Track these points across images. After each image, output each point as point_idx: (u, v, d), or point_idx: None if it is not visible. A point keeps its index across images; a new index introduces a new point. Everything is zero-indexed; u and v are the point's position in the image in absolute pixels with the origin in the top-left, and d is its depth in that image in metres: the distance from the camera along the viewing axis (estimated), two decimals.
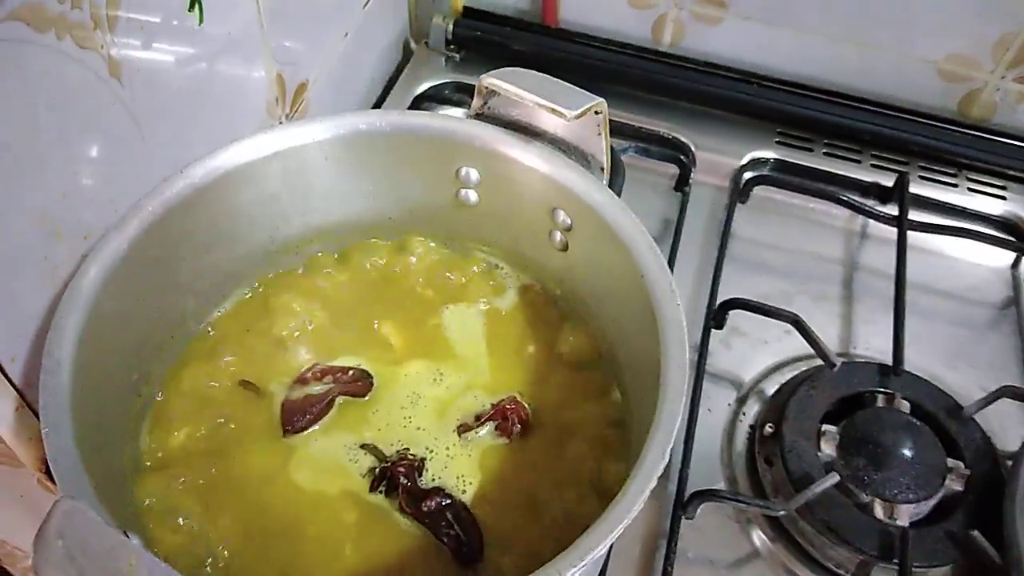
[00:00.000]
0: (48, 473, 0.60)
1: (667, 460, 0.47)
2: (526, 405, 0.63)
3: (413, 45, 1.08)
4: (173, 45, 0.63)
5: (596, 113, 0.59)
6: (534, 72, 0.60)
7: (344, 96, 0.95)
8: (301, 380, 0.64)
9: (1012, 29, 0.92)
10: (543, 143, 0.63)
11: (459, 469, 0.60)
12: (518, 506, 0.58)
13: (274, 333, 0.66)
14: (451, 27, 1.04)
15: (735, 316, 0.84)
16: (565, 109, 0.56)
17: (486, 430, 0.62)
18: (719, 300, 0.83)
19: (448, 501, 0.58)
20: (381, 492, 0.59)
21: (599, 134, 0.60)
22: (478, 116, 0.64)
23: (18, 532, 0.77)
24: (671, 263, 0.84)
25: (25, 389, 0.56)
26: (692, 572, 0.69)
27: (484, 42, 1.03)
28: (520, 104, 0.61)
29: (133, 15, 0.58)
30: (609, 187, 0.61)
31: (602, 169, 0.61)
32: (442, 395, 0.64)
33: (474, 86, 0.64)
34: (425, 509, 0.57)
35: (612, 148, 0.62)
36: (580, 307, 0.67)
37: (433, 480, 0.59)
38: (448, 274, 0.71)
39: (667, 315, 0.54)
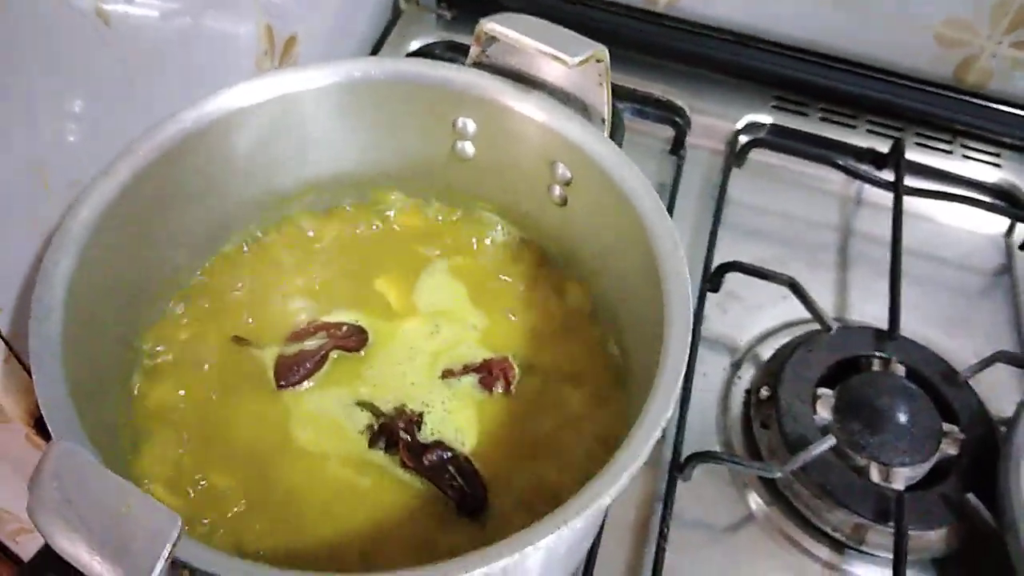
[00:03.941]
0: (37, 427, 0.59)
1: (671, 411, 0.46)
2: (515, 367, 0.62)
3: (403, 4, 1.06)
4: None
5: (598, 61, 0.57)
6: (534, 18, 0.58)
7: (334, 53, 0.93)
8: (295, 335, 0.62)
9: None
10: (543, 93, 0.61)
11: (457, 423, 0.59)
12: (517, 458, 0.58)
13: (267, 288, 0.65)
14: None
15: (730, 281, 0.83)
16: (566, 55, 0.55)
17: (469, 380, 0.61)
18: (715, 264, 0.83)
19: (449, 454, 0.57)
20: (380, 448, 0.58)
21: (600, 84, 0.59)
22: (476, 64, 0.63)
23: (4, 494, 0.75)
24: None
25: (13, 340, 0.55)
26: (688, 535, 0.69)
27: (475, 0, 1.01)
28: (519, 52, 0.59)
29: None
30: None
31: (603, 120, 0.60)
32: (437, 350, 0.63)
33: (465, 45, 0.63)
34: (427, 463, 0.56)
35: (613, 100, 0.60)
36: (578, 263, 0.66)
37: (432, 434, 0.58)
38: (443, 229, 0.70)
39: (670, 268, 0.53)
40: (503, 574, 0.45)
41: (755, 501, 0.72)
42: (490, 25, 0.58)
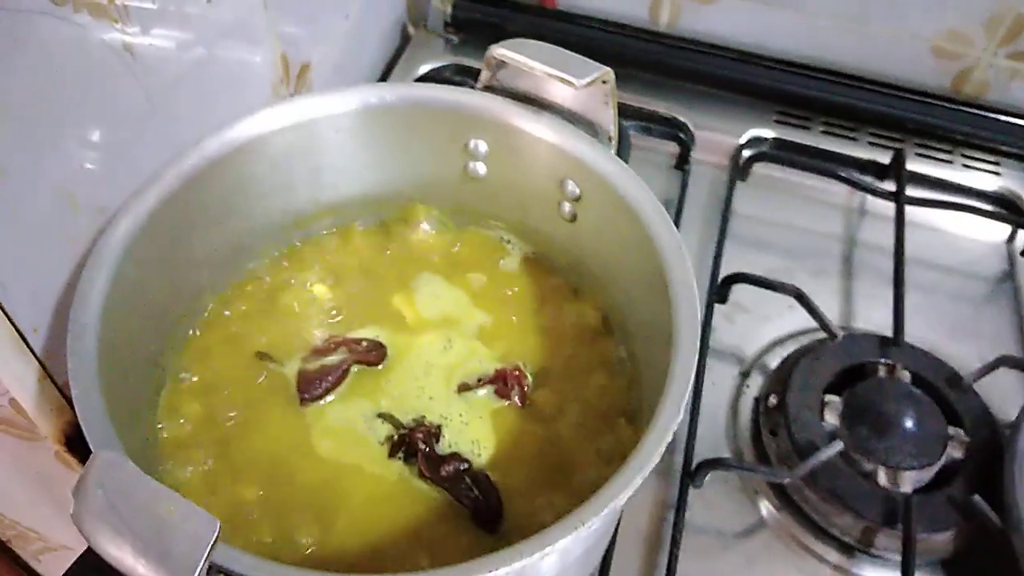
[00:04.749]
0: (68, 445, 0.61)
1: (682, 415, 0.48)
2: (528, 375, 0.64)
3: (411, 29, 1.09)
4: (182, 23, 0.64)
5: (603, 83, 0.60)
6: (542, 43, 0.61)
7: (346, 79, 0.96)
8: (316, 351, 0.64)
9: (1004, 6, 0.94)
10: (551, 114, 0.64)
11: (473, 435, 0.61)
12: (532, 468, 0.59)
13: (289, 306, 0.67)
14: (450, 9, 1.05)
15: (737, 292, 0.85)
16: (573, 78, 0.57)
17: (484, 391, 0.63)
18: (721, 276, 0.85)
19: (466, 465, 0.58)
20: (400, 459, 0.59)
21: (606, 103, 0.61)
22: (487, 88, 0.65)
23: (31, 512, 0.77)
24: None
25: (46, 360, 0.57)
26: (700, 541, 0.70)
27: (483, 24, 1.04)
28: (528, 75, 0.62)
29: None
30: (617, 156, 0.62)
31: (610, 139, 0.62)
32: (452, 363, 0.65)
33: (474, 68, 0.65)
34: (444, 474, 0.58)
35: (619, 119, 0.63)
36: (588, 277, 0.68)
37: (449, 446, 0.60)
38: (456, 247, 0.72)
39: (677, 277, 0.55)
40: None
41: (765, 507, 0.73)
42: (500, 51, 0.61)
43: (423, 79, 1.03)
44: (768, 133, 1.01)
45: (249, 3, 0.73)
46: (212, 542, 0.37)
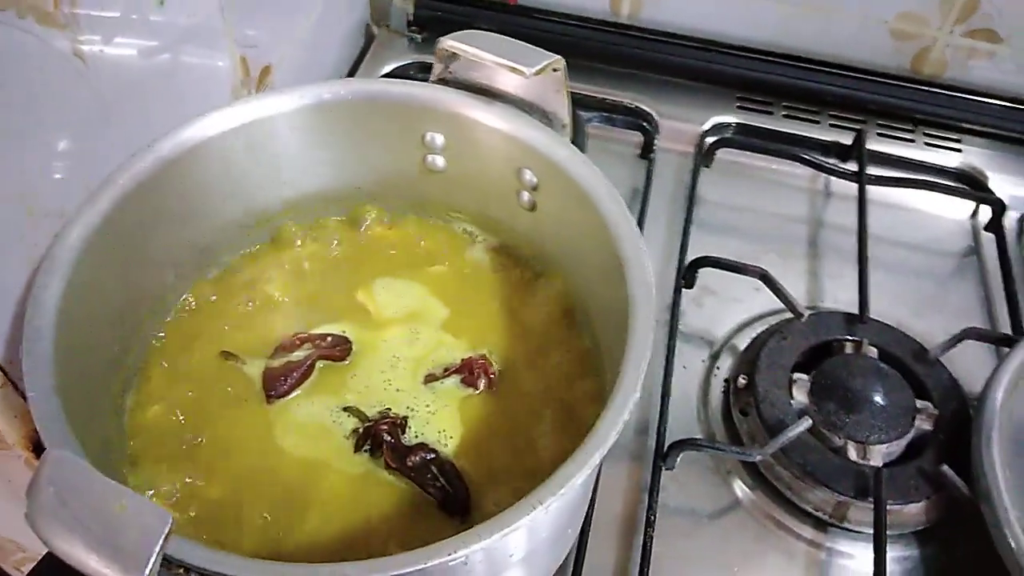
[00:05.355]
0: (36, 451, 0.61)
1: (639, 393, 0.48)
2: (494, 363, 0.65)
3: (375, 29, 1.09)
4: (136, 29, 0.64)
5: (555, 71, 0.60)
6: (492, 33, 0.61)
7: (309, 79, 0.95)
8: (281, 348, 0.64)
9: None
10: (505, 104, 0.64)
11: (440, 424, 0.61)
12: (499, 455, 0.60)
13: (253, 305, 0.67)
14: (412, 8, 1.05)
15: (705, 276, 0.86)
16: (524, 67, 0.58)
17: (451, 381, 0.63)
18: (688, 260, 0.85)
19: (432, 455, 0.59)
20: (366, 451, 0.60)
21: (559, 92, 0.61)
22: (440, 81, 0.65)
23: (7, 522, 0.77)
24: (640, 228, 0.86)
25: (8, 366, 0.57)
26: (675, 523, 0.71)
27: (445, 22, 1.05)
28: (480, 66, 0.62)
29: None
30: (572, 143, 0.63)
31: (564, 126, 0.63)
32: (419, 355, 0.65)
33: None
34: (410, 464, 0.58)
35: (572, 106, 0.63)
36: (550, 264, 0.69)
37: (416, 437, 0.60)
38: (419, 240, 0.72)
39: (631, 258, 0.55)
40: (486, 558, 0.47)
41: (739, 487, 0.74)
42: (449, 42, 0.61)
43: (387, 77, 1.03)
44: (731, 119, 1.02)
45: (205, 8, 0.73)
46: (164, 535, 0.37)
